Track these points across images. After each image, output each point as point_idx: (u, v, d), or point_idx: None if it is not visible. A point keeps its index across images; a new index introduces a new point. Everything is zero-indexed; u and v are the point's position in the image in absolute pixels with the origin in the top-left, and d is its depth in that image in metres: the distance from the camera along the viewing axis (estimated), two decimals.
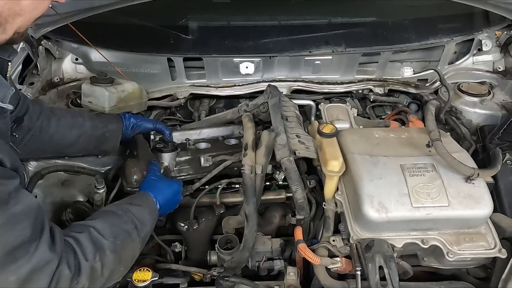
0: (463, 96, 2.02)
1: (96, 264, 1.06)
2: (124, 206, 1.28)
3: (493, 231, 1.35)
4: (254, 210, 1.43)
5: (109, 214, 1.23)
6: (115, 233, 1.15)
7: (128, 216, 1.23)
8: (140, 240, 1.24)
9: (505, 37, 2.16)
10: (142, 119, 1.75)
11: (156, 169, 1.55)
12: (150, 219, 1.33)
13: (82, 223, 1.17)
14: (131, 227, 1.22)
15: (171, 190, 1.48)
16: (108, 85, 1.82)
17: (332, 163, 1.42)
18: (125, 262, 1.19)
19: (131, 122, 1.68)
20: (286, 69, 2.13)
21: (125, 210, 1.25)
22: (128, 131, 1.68)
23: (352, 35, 2.03)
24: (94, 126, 1.59)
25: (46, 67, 1.96)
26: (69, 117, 1.57)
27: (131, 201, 1.35)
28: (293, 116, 1.70)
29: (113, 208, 1.27)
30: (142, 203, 1.36)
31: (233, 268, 1.45)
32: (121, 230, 1.18)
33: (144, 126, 1.72)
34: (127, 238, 1.19)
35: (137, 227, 1.23)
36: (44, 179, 1.70)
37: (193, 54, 2.01)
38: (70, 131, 1.54)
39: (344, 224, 1.42)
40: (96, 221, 1.16)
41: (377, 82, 2.18)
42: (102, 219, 1.19)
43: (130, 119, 1.69)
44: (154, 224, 1.38)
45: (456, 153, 1.38)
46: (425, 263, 1.40)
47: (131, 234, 1.21)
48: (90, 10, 1.63)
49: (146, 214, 1.32)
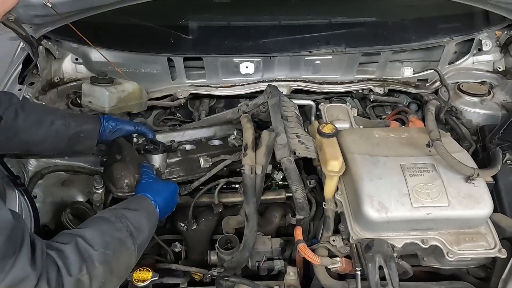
0: (463, 96, 2.02)
1: (83, 277, 1.00)
2: (119, 212, 1.21)
3: (493, 231, 1.35)
4: (254, 210, 1.43)
5: (101, 221, 1.16)
6: (106, 243, 1.09)
7: (123, 223, 1.17)
8: (136, 248, 1.18)
9: (505, 37, 2.15)
10: (122, 121, 1.68)
11: (149, 171, 1.50)
12: (148, 224, 1.26)
13: (70, 232, 1.11)
14: (126, 234, 1.15)
15: (169, 191, 1.44)
16: (108, 85, 1.82)
17: (332, 163, 1.42)
18: (118, 273, 1.13)
19: (109, 123, 1.62)
20: (286, 69, 2.13)
21: (120, 217, 1.18)
22: (106, 132, 1.61)
23: (352, 35, 2.03)
24: (65, 126, 1.51)
25: (46, 67, 1.96)
26: (40, 114, 1.50)
27: (128, 205, 1.28)
28: (293, 116, 1.70)
29: (106, 214, 1.20)
30: (139, 207, 1.29)
31: (233, 268, 1.45)
32: (113, 238, 1.12)
33: (125, 129, 1.66)
34: (120, 247, 1.13)
35: (132, 234, 1.17)
36: (44, 179, 1.70)
37: (193, 54, 2.01)
38: (39, 128, 1.47)
39: (344, 224, 1.42)
40: (85, 230, 1.10)
41: (377, 82, 2.18)
42: (93, 227, 1.13)
43: (109, 121, 1.62)
44: (154, 229, 1.33)
45: (456, 153, 1.38)
46: (425, 263, 1.40)
47: (125, 242, 1.15)
48: (90, 10, 1.63)
49: (143, 219, 1.25)
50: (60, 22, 1.67)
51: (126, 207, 1.26)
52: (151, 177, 1.47)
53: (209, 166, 1.65)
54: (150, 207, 1.33)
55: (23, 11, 1.52)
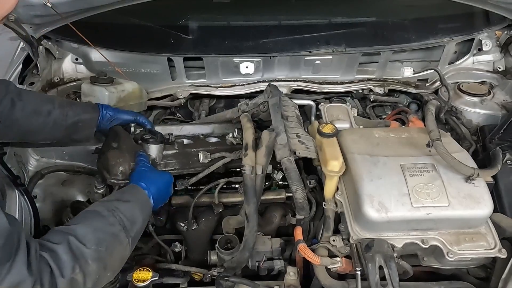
0: (463, 96, 2.02)
1: (77, 276, 1.01)
2: (111, 205, 1.20)
3: (493, 231, 1.35)
4: (255, 210, 1.43)
5: (94, 216, 1.16)
6: (99, 239, 1.09)
7: (115, 217, 1.16)
8: (130, 240, 1.18)
9: (505, 37, 2.16)
10: (120, 111, 1.67)
11: (145, 160, 1.48)
12: (141, 215, 1.26)
13: (62, 229, 1.10)
14: (119, 228, 1.15)
15: (163, 181, 1.43)
16: (108, 85, 1.83)
17: (332, 163, 1.42)
18: (112, 267, 1.14)
19: (108, 112, 1.61)
20: (286, 69, 2.13)
21: (112, 210, 1.18)
22: (104, 121, 1.60)
23: (352, 35, 2.03)
24: (63, 115, 1.50)
25: (46, 67, 1.96)
26: (37, 103, 1.49)
27: (120, 196, 1.28)
28: (293, 116, 1.70)
29: (99, 208, 1.19)
30: (132, 198, 1.28)
31: (233, 268, 1.45)
32: (106, 234, 1.12)
33: (123, 118, 1.65)
34: (113, 242, 1.13)
35: (125, 227, 1.17)
36: (44, 179, 1.70)
37: (193, 54, 2.01)
38: (36, 117, 1.46)
39: (344, 224, 1.42)
40: (78, 227, 1.09)
41: (377, 82, 2.18)
42: (85, 223, 1.12)
43: (107, 110, 1.62)
44: (147, 219, 1.32)
45: (456, 153, 1.38)
46: (425, 263, 1.40)
47: (118, 236, 1.15)
48: (90, 10, 1.63)
49: (136, 210, 1.25)
50: (60, 22, 1.67)
51: (118, 199, 1.25)
52: (146, 166, 1.45)
53: (208, 162, 1.63)
54: (143, 198, 1.32)
55: (23, 11, 1.53)
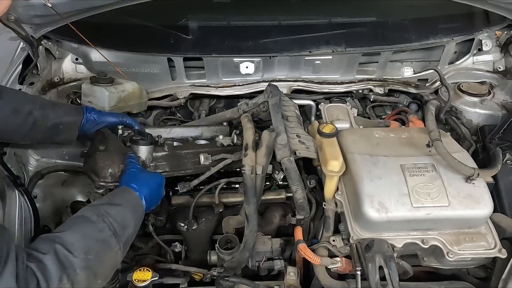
0: (463, 96, 2.02)
1: (65, 286, 0.98)
2: (101, 209, 1.16)
3: (493, 231, 1.35)
4: (255, 210, 1.43)
5: (82, 222, 1.12)
6: (87, 247, 1.05)
7: (105, 222, 1.12)
8: (121, 246, 1.14)
9: (505, 37, 2.15)
10: (106, 113, 1.64)
11: (135, 162, 1.45)
12: (133, 219, 1.23)
13: (50, 237, 1.05)
14: (109, 234, 1.11)
15: (155, 182, 1.40)
16: (108, 85, 1.82)
17: (332, 163, 1.42)
18: (103, 275, 1.11)
19: (92, 115, 1.57)
20: (286, 69, 2.13)
21: (102, 215, 1.14)
22: (88, 124, 1.57)
23: (352, 35, 2.03)
24: (44, 116, 1.46)
25: (46, 67, 1.95)
26: (18, 102, 1.45)
27: (111, 200, 1.24)
28: (293, 116, 1.70)
29: (87, 213, 1.15)
30: (123, 201, 1.25)
31: (233, 268, 1.45)
32: (95, 241, 1.08)
33: (108, 121, 1.61)
34: (103, 249, 1.09)
35: (116, 233, 1.13)
36: (44, 179, 1.70)
37: (193, 54, 2.01)
38: (15, 117, 1.42)
39: (344, 224, 1.42)
40: (66, 234, 1.06)
41: (377, 82, 2.17)
42: (73, 230, 1.08)
43: (91, 113, 1.58)
44: (140, 222, 1.29)
45: (456, 153, 1.38)
46: (425, 263, 1.41)
47: (108, 242, 1.11)
48: (90, 10, 1.63)
49: (128, 214, 1.21)
50: (60, 22, 1.67)
51: (108, 203, 1.22)
52: (136, 167, 1.42)
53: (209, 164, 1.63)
54: (135, 200, 1.29)
55: (23, 11, 1.52)
